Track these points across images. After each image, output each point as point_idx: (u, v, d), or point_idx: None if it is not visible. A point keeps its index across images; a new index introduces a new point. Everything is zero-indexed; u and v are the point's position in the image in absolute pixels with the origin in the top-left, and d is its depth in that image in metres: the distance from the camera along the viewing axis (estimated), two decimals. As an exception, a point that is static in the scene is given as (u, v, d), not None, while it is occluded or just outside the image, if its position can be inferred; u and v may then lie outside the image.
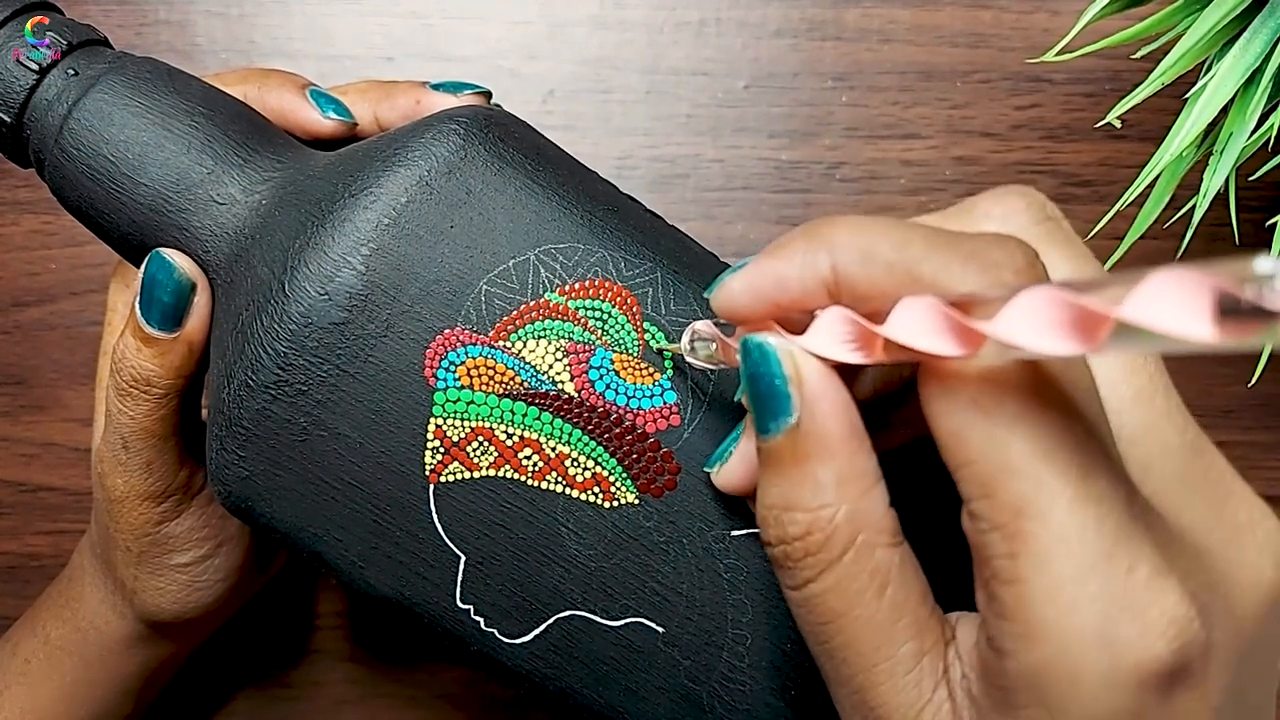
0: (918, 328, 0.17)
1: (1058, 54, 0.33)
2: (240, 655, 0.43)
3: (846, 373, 0.20)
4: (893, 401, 0.22)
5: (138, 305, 0.28)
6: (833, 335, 0.19)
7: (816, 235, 0.19)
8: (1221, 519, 0.20)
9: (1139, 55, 0.34)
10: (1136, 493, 0.18)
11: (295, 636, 0.43)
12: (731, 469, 0.24)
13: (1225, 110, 0.32)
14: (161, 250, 0.28)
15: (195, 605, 0.33)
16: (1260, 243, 0.39)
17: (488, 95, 0.32)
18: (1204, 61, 0.32)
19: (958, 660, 0.19)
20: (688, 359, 0.24)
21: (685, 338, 0.24)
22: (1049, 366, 0.17)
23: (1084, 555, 0.17)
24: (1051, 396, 0.17)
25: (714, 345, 0.23)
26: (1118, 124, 0.34)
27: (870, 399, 0.22)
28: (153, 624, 0.34)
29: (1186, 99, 0.32)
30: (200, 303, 0.28)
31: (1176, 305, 0.13)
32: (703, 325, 0.24)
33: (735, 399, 0.25)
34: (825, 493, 0.19)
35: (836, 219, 0.19)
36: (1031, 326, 0.15)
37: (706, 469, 0.25)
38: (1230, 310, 0.12)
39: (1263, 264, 0.12)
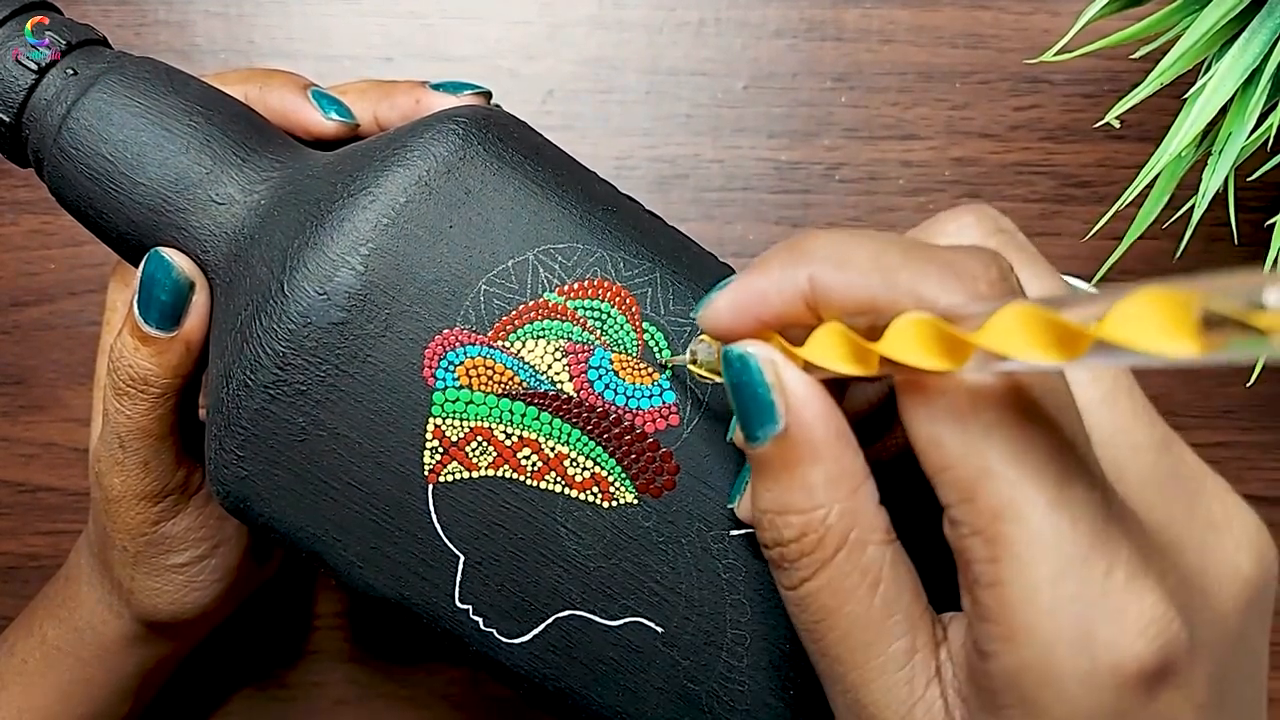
0: (910, 343, 0.17)
1: (1056, 54, 0.33)
2: (239, 656, 0.43)
3: (837, 385, 0.20)
4: (885, 414, 0.22)
5: (136, 304, 0.28)
6: (829, 349, 0.19)
7: (795, 249, 0.20)
8: (1195, 515, 0.20)
9: (1138, 55, 0.34)
10: (1113, 495, 0.18)
11: (294, 637, 0.43)
12: (748, 501, 0.24)
13: (1224, 110, 0.32)
14: (160, 249, 0.28)
15: (192, 606, 0.33)
16: (1259, 243, 0.39)
17: (488, 95, 0.32)
18: (1203, 61, 0.32)
19: (949, 660, 0.20)
20: (692, 371, 0.24)
21: (688, 354, 0.24)
22: (1023, 375, 0.18)
23: (1061, 558, 0.17)
24: (1027, 404, 0.18)
25: (715, 357, 0.24)
26: (1116, 124, 0.34)
27: (864, 412, 0.22)
28: (149, 624, 0.34)
29: (1185, 99, 0.32)
30: (199, 302, 0.28)
31: (1156, 321, 0.13)
32: (703, 343, 0.24)
33: (729, 432, 0.26)
34: (817, 494, 0.19)
35: (816, 232, 0.20)
36: (1015, 340, 0.15)
37: (729, 505, 0.25)
38: (1213, 323, 0.12)
39: (1272, 295, 0.12)
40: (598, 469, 0.25)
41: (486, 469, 0.25)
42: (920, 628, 0.20)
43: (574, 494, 0.25)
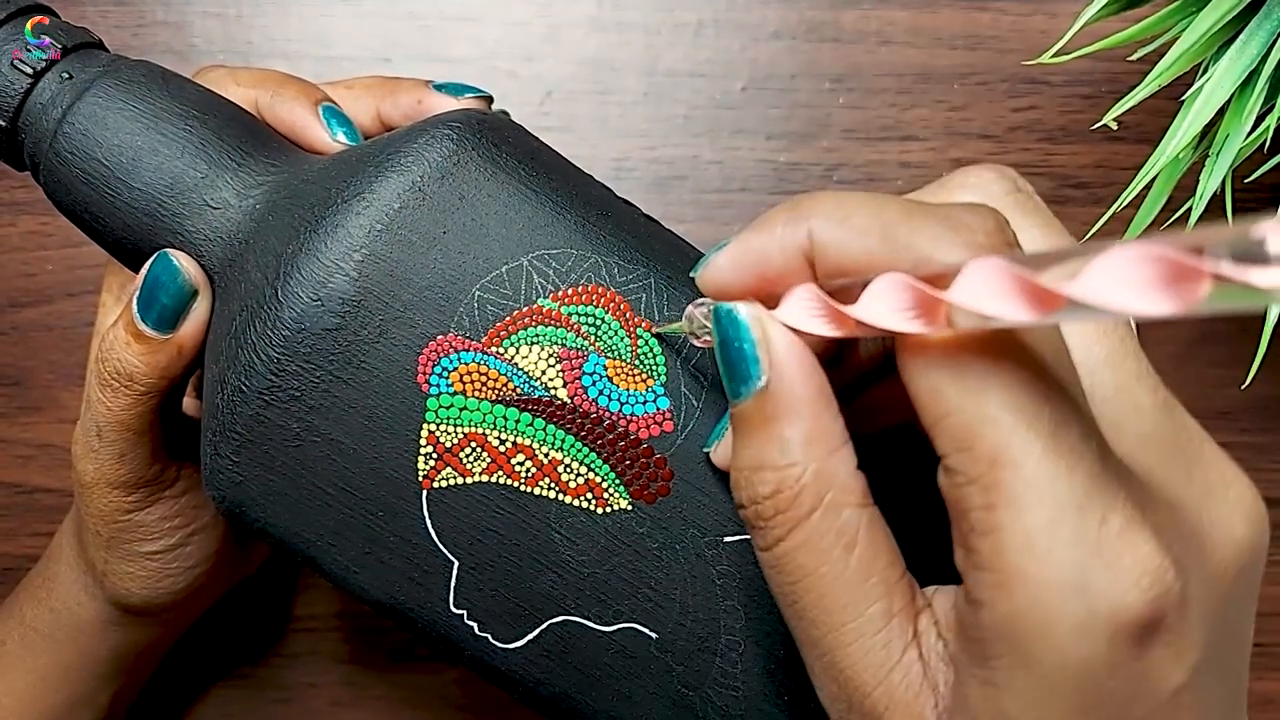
0: (885, 306, 0.17)
1: (1055, 56, 0.33)
2: (234, 657, 0.43)
3: (828, 354, 0.21)
4: (872, 381, 0.22)
5: (135, 301, 0.28)
6: (803, 309, 0.19)
7: (797, 207, 0.20)
8: (1193, 478, 0.20)
9: (1136, 57, 0.34)
10: (1108, 448, 0.18)
11: (290, 638, 0.43)
12: (725, 445, 0.25)
13: (1222, 112, 0.32)
14: (169, 251, 0.28)
15: (165, 592, 0.33)
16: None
17: (489, 99, 0.32)
18: (1200, 63, 0.32)
19: (933, 626, 0.20)
20: (691, 340, 0.24)
21: (685, 319, 0.24)
22: (1019, 328, 0.18)
23: (1057, 504, 0.17)
24: (1023, 354, 0.18)
25: (709, 321, 0.23)
26: (1114, 126, 0.34)
27: (851, 382, 0.22)
28: (124, 608, 0.34)
29: (1183, 101, 0.32)
30: (199, 309, 0.28)
31: (1125, 281, 0.13)
32: (701, 306, 0.24)
33: (709, 442, 0.26)
34: (793, 452, 0.19)
35: (818, 193, 0.20)
36: (988, 295, 0.15)
37: (705, 449, 0.25)
38: (1181, 278, 0.12)
39: (1272, 233, 0.11)
40: (592, 475, 0.25)
41: (480, 475, 0.25)
42: (897, 592, 0.20)
43: (568, 500, 0.25)
